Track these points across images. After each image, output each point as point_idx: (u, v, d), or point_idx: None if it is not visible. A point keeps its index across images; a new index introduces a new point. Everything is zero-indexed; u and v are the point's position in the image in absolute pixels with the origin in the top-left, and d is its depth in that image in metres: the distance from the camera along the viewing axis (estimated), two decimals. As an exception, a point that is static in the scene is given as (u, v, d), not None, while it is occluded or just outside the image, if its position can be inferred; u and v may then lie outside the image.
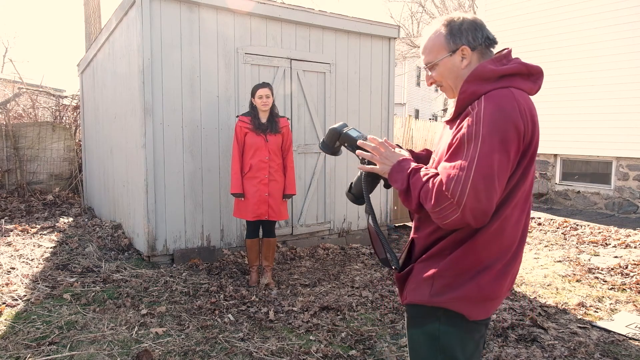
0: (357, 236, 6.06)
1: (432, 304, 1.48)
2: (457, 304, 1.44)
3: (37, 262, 4.53)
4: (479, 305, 1.46)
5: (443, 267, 1.46)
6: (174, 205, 4.76)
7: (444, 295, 1.46)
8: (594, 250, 5.75)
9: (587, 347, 3.15)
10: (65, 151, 8.61)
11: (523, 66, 1.44)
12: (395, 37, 6.21)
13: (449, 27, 1.50)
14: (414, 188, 1.42)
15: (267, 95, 4.18)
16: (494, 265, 1.44)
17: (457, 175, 1.31)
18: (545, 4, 8.79)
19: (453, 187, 1.30)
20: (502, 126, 1.31)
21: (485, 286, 1.43)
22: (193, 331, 3.27)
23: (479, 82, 1.41)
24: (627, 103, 7.87)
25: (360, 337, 3.27)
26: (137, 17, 4.50)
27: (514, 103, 1.34)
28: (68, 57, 49.21)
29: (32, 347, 2.93)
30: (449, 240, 1.46)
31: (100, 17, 12.56)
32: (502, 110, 1.32)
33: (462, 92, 1.43)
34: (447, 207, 1.32)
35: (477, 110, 1.35)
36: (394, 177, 1.51)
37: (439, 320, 1.48)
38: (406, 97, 24.66)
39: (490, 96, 1.36)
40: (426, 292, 1.48)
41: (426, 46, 1.56)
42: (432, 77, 1.57)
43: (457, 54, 1.48)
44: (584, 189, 8.76)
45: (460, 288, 1.44)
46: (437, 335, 1.49)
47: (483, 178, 1.28)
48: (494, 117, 1.31)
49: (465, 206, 1.29)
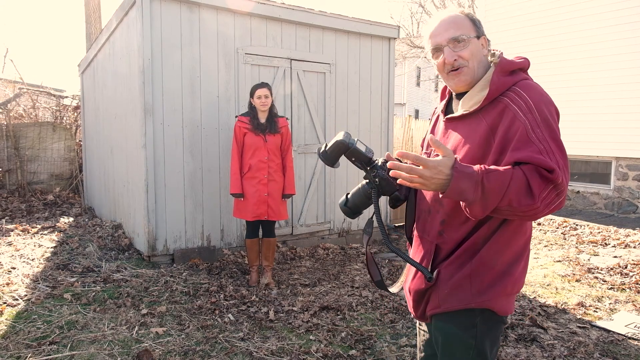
0: (357, 236, 6.07)
1: (476, 305, 1.44)
2: (497, 300, 1.45)
3: (38, 262, 4.54)
4: (510, 299, 1.49)
5: (476, 265, 1.43)
6: (174, 205, 4.77)
7: (485, 293, 1.43)
8: (594, 250, 5.76)
9: (587, 346, 3.15)
10: (66, 151, 8.62)
11: (528, 61, 1.51)
12: (395, 37, 6.22)
13: (470, 16, 1.53)
14: (493, 193, 1.24)
15: (266, 95, 4.18)
16: (522, 257, 1.47)
17: (551, 159, 1.28)
18: (545, 4, 8.79)
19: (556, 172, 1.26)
20: (551, 110, 1.37)
21: (518, 279, 1.47)
22: (193, 331, 3.28)
23: (505, 74, 1.45)
24: (627, 103, 7.87)
25: (360, 337, 3.27)
26: (138, 17, 4.50)
27: (543, 90, 1.42)
28: (68, 57, 49.23)
29: (32, 346, 2.93)
30: (475, 238, 1.44)
31: (101, 18, 12.56)
32: (544, 96, 1.39)
33: (494, 83, 1.42)
34: (548, 195, 1.26)
35: (523, 101, 1.37)
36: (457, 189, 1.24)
37: (475, 324, 1.46)
38: (406, 97, 24.65)
39: (526, 87, 1.40)
40: (467, 294, 1.44)
41: (452, 22, 1.47)
42: (459, 53, 1.46)
43: (481, 40, 1.51)
44: (583, 189, 8.77)
45: (498, 284, 1.44)
46: (472, 342, 1.47)
47: (564, 158, 1.32)
48: (542, 104, 1.36)
49: (565, 188, 1.29)
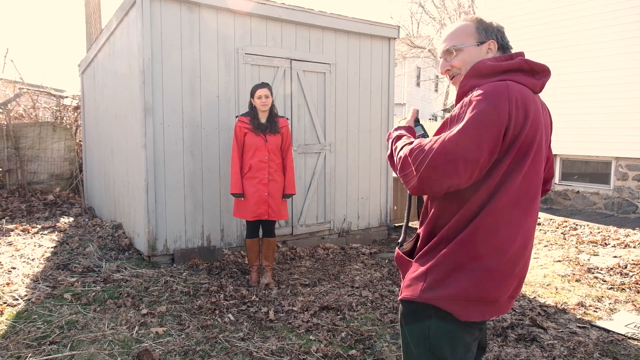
0: (357, 236, 6.07)
1: (422, 300, 1.44)
2: (448, 302, 1.40)
3: (38, 262, 4.54)
4: (471, 306, 1.40)
5: (436, 261, 1.43)
6: (175, 205, 4.77)
7: (435, 291, 1.42)
8: (594, 250, 5.76)
9: (587, 346, 3.15)
10: (66, 151, 8.62)
11: (524, 62, 1.45)
12: (395, 37, 6.22)
13: (478, 22, 1.56)
14: (393, 154, 1.55)
15: (267, 95, 4.19)
16: (490, 265, 1.39)
17: (424, 147, 1.37)
18: (545, 4, 8.80)
19: (415, 156, 1.39)
20: (484, 110, 1.32)
21: (479, 285, 1.39)
22: (193, 331, 3.28)
23: (477, 78, 1.43)
24: (627, 103, 7.87)
25: (360, 336, 3.27)
26: (138, 18, 4.51)
27: (504, 91, 1.34)
28: (68, 57, 49.25)
29: (32, 346, 2.94)
30: (442, 235, 1.44)
31: (101, 18, 12.55)
32: (488, 97, 1.33)
33: (462, 87, 1.46)
34: (408, 173, 1.42)
35: (469, 98, 1.38)
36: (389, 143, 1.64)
37: (429, 318, 1.44)
38: (406, 97, 24.65)
39: (483, 86, 1.38)
40: (418, 288, 1.45)
41: (451, 33, 1.58)
42: (450, 63, 1.56)
43: (485, 45, 1.53)
44: (583, 189, 8.77)
45: (453, 285, 1.40)
46: (427, 334, 1.45)
47: (444, 154, 1.32)
48: (478, 103, 1.33)
49: (420, 174, 1.36)
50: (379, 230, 6.32)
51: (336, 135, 5.81)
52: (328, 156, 5.74)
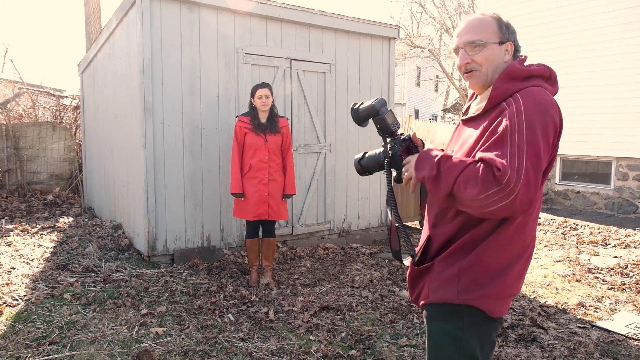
0: (357, 236, 6.07)
1: (460, 301, 1.46)
2: (485, 301, 1.44)
3: (38, 262, 4.53)
4: (502, 302, 1.48)
5: (468, 263, 1.44)
6: (174, 205, 4.77)
7: (472, 292, 1.44)
8: (594, 250, 5.76)
9: (587, 347, 3.15)
10: (66, 151, 8.62)
11: (547, 69, 1.50)
12: (395, 37, 6.22)
13: (498, 20, 1.54)
14: (447, 175, 1.37)
15: (267, 95, 4.18)
16: (518, 262, 1.46)
17: (510, 163, 1.28)
18: (545, 4, 8.79)
19: (509, 175, 1.27)
20: (543, 119, 1.35)
21: (511, 283, 1.46)
22: (193, 331, 3.27)
23: (509, 81, 1.45)
24: (626, 103, 7.87)
25: (360, 337, 3.27)
26: (137, 17, 4.50)
27: (548, 99, 1.39)
28: (68, 57, 49.25)
29: (32, 346, 2.93)
30: (471, 236, 1.45)
31: (101, 17, 12.55)
32: (540, 104, 1.37)
33: (496, 89, 1.46)
34: (495, 193, 1.28)
35: (515, 106, 1.38)
36: (420, 165, 1.45)
37: (462, 319, 1.47)
38: (406, 97, 24.65)
39: (526, 93, 1.40)
40: (453, 290, 1.46)
41: (476, 25, 1.53)
42: (472, 57, 1.52)
43: (504, 46, 1.53)
44: (583, 189, 8.76)
45: (489, 285, 1.44)
46: (459, 335, 1.48)
47: (533, 167, 1.29)
48: (535, 111, 1.35)
49: (518, 194, 1.27)
50: (379, 230, 6.31)
51: (336, 135, 5.81)
52: (328, 156, 5.73)
